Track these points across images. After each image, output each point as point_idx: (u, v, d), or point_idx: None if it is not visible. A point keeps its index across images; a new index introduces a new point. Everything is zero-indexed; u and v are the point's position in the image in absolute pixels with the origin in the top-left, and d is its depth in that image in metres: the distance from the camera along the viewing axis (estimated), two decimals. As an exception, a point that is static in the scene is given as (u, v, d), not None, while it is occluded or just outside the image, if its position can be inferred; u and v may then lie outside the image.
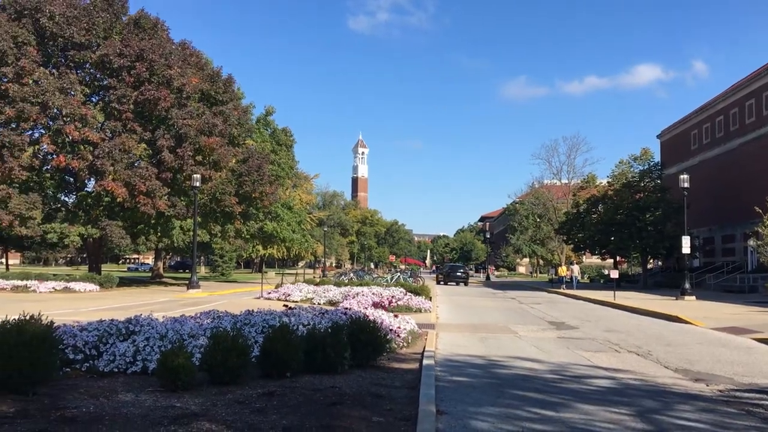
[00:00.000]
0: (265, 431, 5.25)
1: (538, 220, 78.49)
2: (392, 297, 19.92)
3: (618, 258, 51.65)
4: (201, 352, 7.71)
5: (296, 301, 21.78)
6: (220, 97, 36.48)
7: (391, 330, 10.89)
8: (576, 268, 43.58)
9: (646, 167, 47.32)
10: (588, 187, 60.46)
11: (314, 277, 44.20)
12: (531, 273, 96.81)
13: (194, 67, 35.29)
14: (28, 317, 6.49)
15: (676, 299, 27.53)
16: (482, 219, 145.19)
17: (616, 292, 28.85)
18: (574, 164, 68.45)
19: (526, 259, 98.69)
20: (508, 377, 8.69)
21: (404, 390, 7.36)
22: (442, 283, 53.11)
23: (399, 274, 43.97)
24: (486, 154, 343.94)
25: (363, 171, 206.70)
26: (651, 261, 52.24)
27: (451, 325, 16.25)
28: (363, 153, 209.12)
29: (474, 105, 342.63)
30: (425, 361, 9.04)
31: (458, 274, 54.24)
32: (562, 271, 45.14)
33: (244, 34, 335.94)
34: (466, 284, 51.56)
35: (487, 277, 70.24)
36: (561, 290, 37.58)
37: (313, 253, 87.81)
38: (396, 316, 12.74)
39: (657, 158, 50.21)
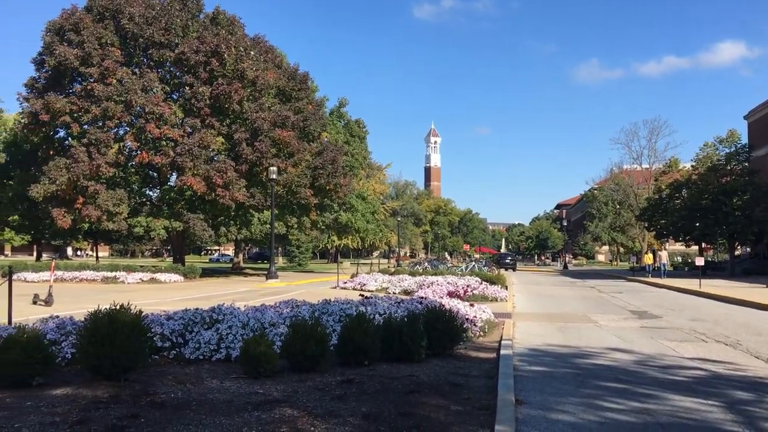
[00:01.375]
0: (345, 418, 5.34)
1: (618, 206, 76.14)
2: (467, 286, 19.82)
3: (703, 245, 49.55)
4: (281, 340, 7.89)
5: (371, 291, 21.98)
6: (296, 94, 37.21)
7: (467, 319, 10.84)
8: (664, 254, 41.56)
9: (732, 149, 45.17)
10: (670, 171, 58.25)
11: (388, 267, 44.44)
12: (611, 261, 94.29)
13: (271, 63, 36.09)
14: (118, 307, 6.79)
15: (767, 287, 26.23)
16: (558, 206, 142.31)
17: (702, 280, 27.71)
18: (655, 148, 65.86)
19: (606, 247, 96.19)
20: (589, 367, 8.51)
21: (482, 379, 7.32)
22: None
23: (474, 263, 43.65)
24: (560, 140, 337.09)
25: (435, 160, 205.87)
26: (738, 247, 49.86)
27: (529, 314, 16.03)
28: (435, 142, 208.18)
29: (544, 90, 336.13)
30: (503, 351, 8.96)
31: (507, 261, 62.72)
32: (648, 258, 43.29)
33: (311, 26, 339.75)
34: (514, 270, 57.06)
35: (565, 266, 68.84)
36: (647, 279, 36.02)
37: (387, 243, 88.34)
38: (472, 305, 12.67)
39: (744, 140, 47.87)
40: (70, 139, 33.04)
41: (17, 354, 6.19)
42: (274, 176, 31.28)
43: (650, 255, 44.79)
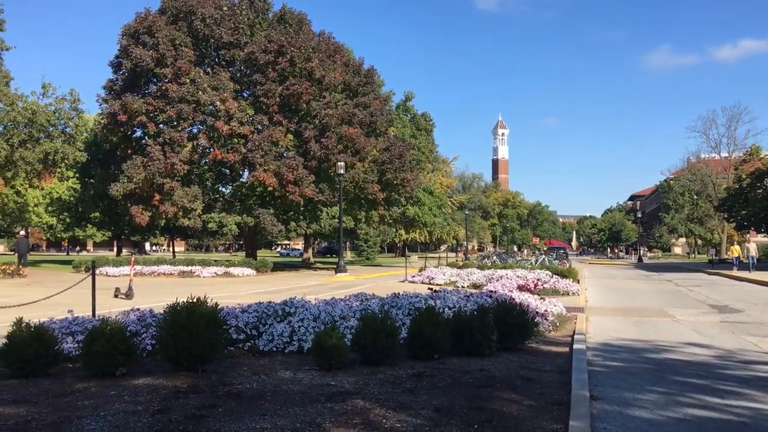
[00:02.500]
0: (416, 410, 5.35)
1: (695, 197, 73.44)
2: (538, 280, 19.52)
3: (789, 236, 47.19)
4: (352, 333, 7.96)
5: (440, 285, 21.92)
6: (362, 89, 37.44)
7: (538, 313, 10.69)
8: (753, 246, 39.34)
9: (820, 135, 42.78)
10: (752, 159, 55.69)
11: (456, 260, 44.23)
12: (688, 254, 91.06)
13: (338, 61, 36.45)
14: (195, 300, 7.00)
15: None
16: (632, 198, 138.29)
17: (787, 273, 26.40)
18: (734, 136, 63.44)
19: (682, 240, 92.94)
20: (667, 362, 8.25)
21: (554, 374, 7.21)
22: None
23: (544, 256, 42.93)
24: (632, 130, 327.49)
25: (503, 152, 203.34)
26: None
27: (602, 308, 15.66)
28: (503, 134, 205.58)
29: (613, 78, 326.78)
30: (576, 345, 8.78)
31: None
32: (735, 251, 41.21)
33: (374, 18, 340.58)
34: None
35: (639, 259, 66.84)
36: (731, 272, 34.13)
37: (455, 237, 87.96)
38: (542, 299, 12.49)
39: (834, 125, 45.33)
40: (146, 138, 34.25)
41: (102, 345, 6.46)
42: (342, 172, 31.61)
43: (736, 247, 42.72)
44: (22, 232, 40.35)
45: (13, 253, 34.93)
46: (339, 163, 31.76)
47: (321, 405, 5.48)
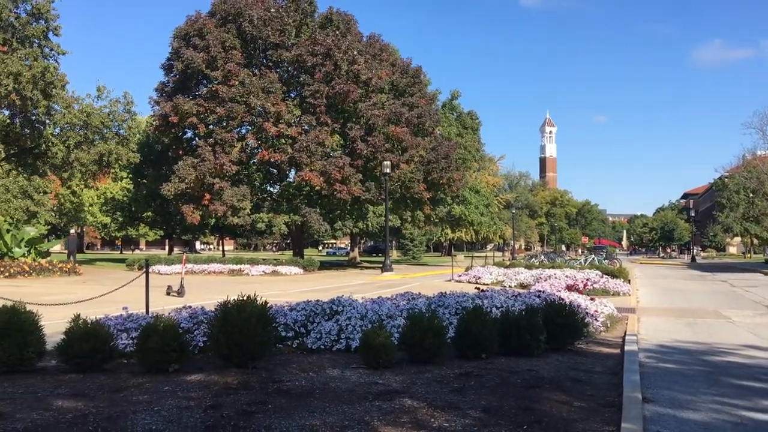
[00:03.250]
0: (464, 410, 5.33)
1: (752, 195, 71.08)
2: (587, 280, 19.20)
3: None
4: (399, 332, 7.98)
5: (487, 284, 21.75)
6: (409, 89, 37.52)
7: (587, 313, 10.52)
8: None
9: None
10: (811, 156, 53.66)
11: (503, 259, 43.82)
12: (743, 254, 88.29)
13: (385, 61, 36.59)
14: (246, 298, 7.12)
15: None
16: (685, 196, 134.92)
17: None
18: (793, 132, 60.99)
19: (737, 239, 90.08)
20: (722, 364, 8.03)
21: (605, 375, 7.09)
22: None
23: (593, 256, 42.21)
24: (684, 126, 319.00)
25: (551, 150, 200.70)
26: None
27: (654, 309, 15.32)
28: (551, 132, 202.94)
29: (663, 74, 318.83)
30: (627, 346, 8.62)
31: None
32: None
33: (419, 18, 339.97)
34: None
35: (693, 259, 65.23)
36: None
37: (502, 236, 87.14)
38: (592, 299, 12.29)
39: None
40: (197, 139, 34.94)
41: (155, 342, 6.62)
42: (388, 170, 31.69)
43: None
44: (72, 232, 41.62)
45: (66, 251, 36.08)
46: (385, 162, 31.83)
47: (369, 403, 5.50)
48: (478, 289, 13.29)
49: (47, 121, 30.56)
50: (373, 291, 18.54)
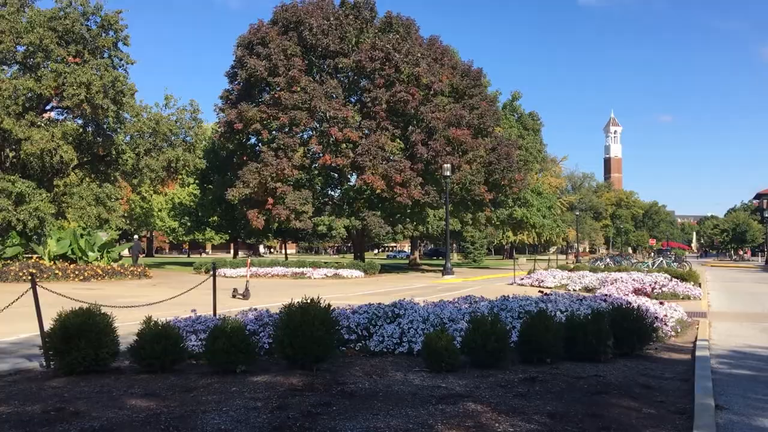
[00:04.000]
0: (530, 415, 5.26)
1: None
2: (655, 283, 18.69)
3: None
4: (461, 336, 7.94)
5: (550, 288, 21.43)
6: (469, 91, 37.41)
7: (656, 318, 10.24)
8: None
9: None
10: None
11: (567, 262, 43.06)
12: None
13: (446, 64, 36.60)
14: (309, 300, 7.22)
15: None
16: (758, 196, 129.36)
17: None
18: None
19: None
20: (801, 373, 7.68)
21: (676, 381, 6.88)
22: None
23: (661, 258, 41.02)
24: (755, 125, 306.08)
25: (616, 150, 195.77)
26: None
27: (726, 313, 14.77)
28: (615, 132, 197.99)
29: (731, 72, 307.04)
30: (698, 352, 8.35)
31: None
32: None
33: (479, 19, 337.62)
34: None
35: (767, 261, 62.58)
36: None
37: (565, 239, 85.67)
38: (661, 303, 11.95)
39: None
40: (260, 144, 35.68)
41: (223, 343, 6.79)
42: (448, 173, 31.62)
43: None
44: (135, 236, 43.07)
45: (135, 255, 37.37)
46: (445, 165, 31.79)
47: (432, 407, 5.50)
48: (542, 292, 13.11)
49: (118, 129, 31.70)
50: (434, 294, 18.52)
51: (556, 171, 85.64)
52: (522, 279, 26.25)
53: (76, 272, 25.29)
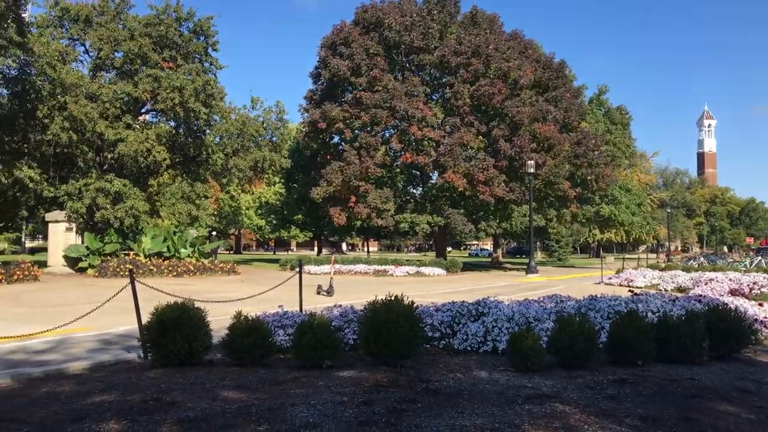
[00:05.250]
0: (620, 418, 5.12)
1: None
2: (753, 283, 17.75)
3: None
4: (547, 336, 7.81)
5: (640, 287, 20.73)
6: (553, 83, 36.72)
7: (755, 320, 9.75)
8: None
9: None
10: None
11: (657, 261, 41.53)
12: None
13: (529, 58, 36.10)
14: (393, 298, 7.27)
15: None
16: None
17: None
18: None
19: None
20: None
21: (778, 387, 6.53)
22: None
23: (760, 257, 38.95)
24: None
25: (710, 145, 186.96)
26: None
27: (834, 316, 13.86)
28: (709, 125, 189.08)
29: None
30: (803, 357, 7.89)
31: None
32: None
33: (563, 11, 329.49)
34: None
35: None
36: None
37: (655, 237, 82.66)
38: (760, 304, 11.36)
39: None
40: (343, 143, 36.17)
41: (310, 338, 6.94)
42: (532, 170, 31.12)
43: None
44: (213, 233, 44.54)
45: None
46: (529, 162, 31.29)
47: (519, 406, 5.44)
48: (632, 292, 12.72)
49: (207, 131, 32.87)
50: (517, 293, 18.27)
51: (646, 167, 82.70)
52: (610, 278, 25.53)
53: (170, 268, 26.40)
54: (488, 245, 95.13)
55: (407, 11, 35.31)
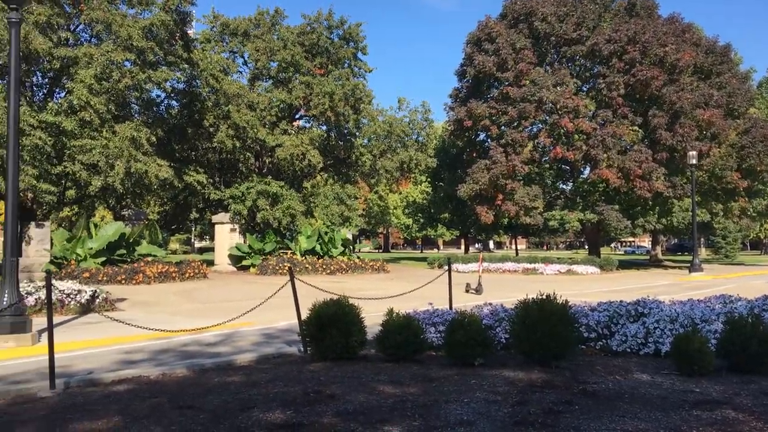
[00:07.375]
0: (804, 430, 4.67)
1: None
2: None
3: None
4: (715, 338, 7.31)
5: (823, 287, 18.76)
6: (716, 68, 34.29)
7: None
8: None
9: None
10: None
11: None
12: None
13: (687, 41, 33.96)
14: (545, 296, 7.11)
15: None
16: None
17: None
18: None
19: None
20: None
21: None
22: None
23: None
24: None
25: None
26: None
27: None
28: None
29: None
30: None
31: None
32: None
33: None
34: None
35: None
36: None
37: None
38: None
39: None
40: (489, 141, 35.84)
41: (461, 336, 6.95)
42: (694, 161, 29.17)
43: None
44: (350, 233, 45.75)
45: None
46: (690, 153, 29.32)
47: (685, 412, 5.11)
48: (813, 292, 11.53)
49: (356, 134, 33.87)
50: (680, 293, 17.19)
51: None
52: (787, 277, 23.36)
53: (324, 266, 27.47)
54: (645, 242, 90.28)
55: (562, 0, 34.40)
